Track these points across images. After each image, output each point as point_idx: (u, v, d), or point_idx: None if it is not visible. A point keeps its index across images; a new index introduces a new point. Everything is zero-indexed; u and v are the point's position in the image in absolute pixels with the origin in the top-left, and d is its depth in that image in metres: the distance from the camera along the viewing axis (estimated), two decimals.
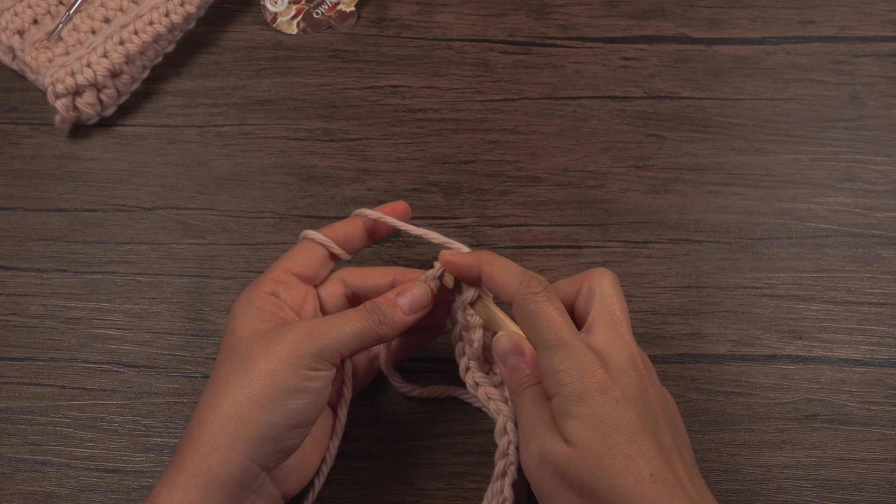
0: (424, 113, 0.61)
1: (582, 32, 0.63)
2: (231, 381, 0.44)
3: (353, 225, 0.51)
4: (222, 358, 0.46)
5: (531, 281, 0.44)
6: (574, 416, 0.42)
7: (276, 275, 0.49)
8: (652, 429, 0.42)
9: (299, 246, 0.51)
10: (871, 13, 0.63)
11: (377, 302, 0.47)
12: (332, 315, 0.47)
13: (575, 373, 0.42)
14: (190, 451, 0.43)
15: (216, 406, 0.44)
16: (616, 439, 0.41)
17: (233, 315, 0.47)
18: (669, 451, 0.42)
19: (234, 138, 0.60)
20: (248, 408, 0.43)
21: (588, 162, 0.60)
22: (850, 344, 0.55)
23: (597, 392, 0.42)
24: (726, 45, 0.62)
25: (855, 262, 0.57)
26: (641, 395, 0.43)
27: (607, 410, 0.41)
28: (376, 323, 0.46)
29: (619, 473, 0.41)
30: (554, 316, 0.43)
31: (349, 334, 0.45)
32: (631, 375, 0.43)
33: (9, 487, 0.53)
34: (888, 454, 0.53)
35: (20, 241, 0.58)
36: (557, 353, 0.42)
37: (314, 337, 0.44)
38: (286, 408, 0.43)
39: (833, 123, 0.60)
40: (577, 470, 0.41)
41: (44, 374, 0.55)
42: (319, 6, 0.64)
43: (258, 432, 0.43)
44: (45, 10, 0.61)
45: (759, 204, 0.58)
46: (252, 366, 0.44)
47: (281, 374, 0.44)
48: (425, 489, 0.53)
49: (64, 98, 0.58)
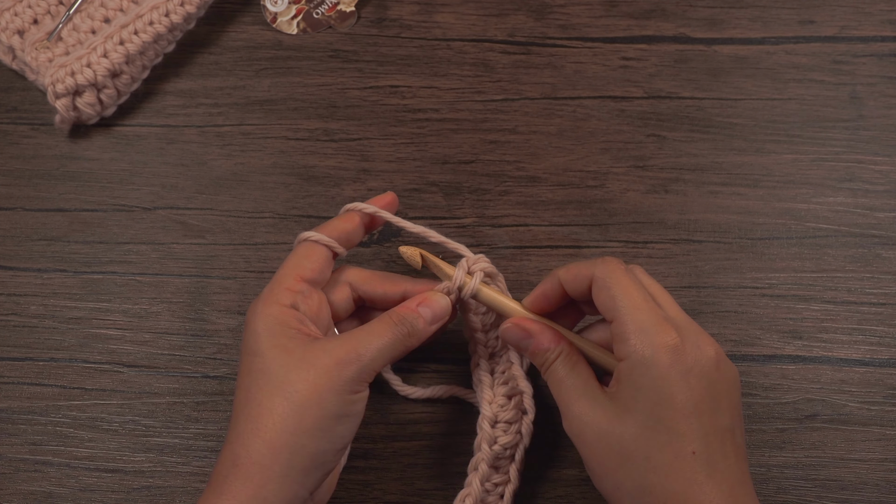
0: (424, 113, 0.61)
1: (582, 32, 0.63)
2: (275, 410, 0.43)
3: (349, 221, 0.51)
4: (253, 380, 0.44)
5: (607, 258, 0.46)
6: (634, 383, 0.42)
7: (290, 284, 0.47)
8: (710, 407, 0.42)
9: (303, 249, 0.49)
10: (871, 13, 0.63)
11: (401, 313, 0.47)
12: (362, 330, 0.46)
13: (648, 339, 0.42)
14: (241, 480, 0.42)
15: (262, 435, 0.43)
16: (666, 413, 0.41)
17: (253, 332, 0.46)
18: (723, 432, 0.42)
19: (234, 138, 0.60)
20: (299, 438, 0.43)
21: (588, 162, 0.60)
22: (850, 344, 0.55)
23: (667, 358, 0.42)
24: (726, 45, 0.62)
25: (855, 262, 0.57)
26: (710, 371, 0.43)
27: (670, 382, 0.42)
28: (405, 335, 0.46)
29: (657, 446, 0.41)
30: (631, 286, 0.44)
31: (383, 350, 0.45)
32: (703, 349, 0.43)
33: (9, 487, 0.53)
34: (888, 454, 0.53)
35: (20, 241, 0.58)
36: (632, 318, 0.43)
37: (353, 360, 0.44)
38: (334, 434, 0.44)
39: (833, 123, 0.60)
40: (618, 437, 0.42)
41: (44, 374, 0.55)
42: (319, 6, 0.64)
43: (311, 461, 0.43)
44: (45, 10, 0.61)
45: (759, 204, 0.58)
46: (296, 394, 0.43)
47: (328, 402, 0.43)
48: (425, 489, 0.53)
49: (64, 98, 0.58)
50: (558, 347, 0.46)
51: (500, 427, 0.50)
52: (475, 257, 0.49)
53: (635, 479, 0.42)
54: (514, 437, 0.50)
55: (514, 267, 0.57)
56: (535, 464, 0.53)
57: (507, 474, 0.50)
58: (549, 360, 0.46)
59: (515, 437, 0.50)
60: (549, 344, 0.46)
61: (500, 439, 0.49)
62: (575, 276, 0.46)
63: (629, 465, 0.42)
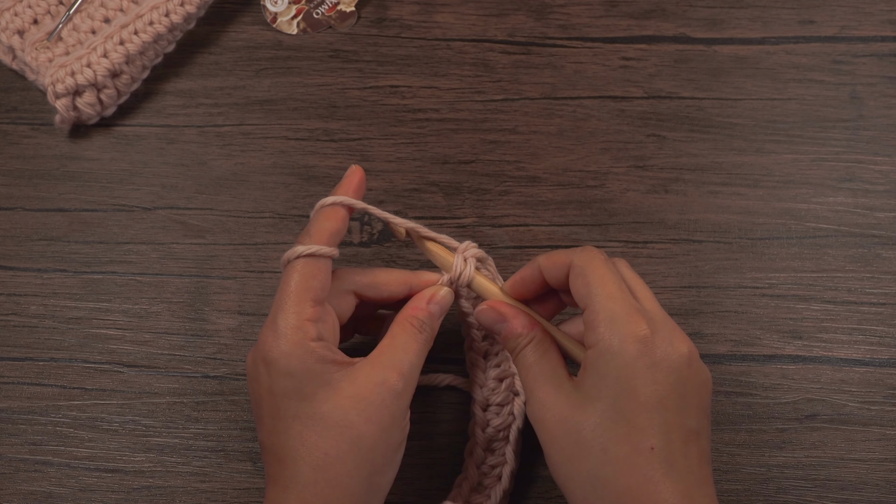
0: (424, 113, 0.61)
1: (582, 32, 0.63)
2: (345, 457, 0.42)
3: (335, 220, 0.47)
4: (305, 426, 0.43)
5: (587, 248, 0.45)
6: (599, 372, 0.41)
7: (309, 313, 0.44)
8: (676, 404, 0.41)
9: (305, 267, 0.45)
10: (871, 13, 0.63)
11: (420, 318, 0.46)
12: (392, 348, 0.45)
13: (617, 328, 0.42)
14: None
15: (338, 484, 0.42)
16: (628, 405, 0.41)
17: (288, 374, 0.43)
18: (688, 432, 0.41)
19: (234, 138, 0.60)
20: (374, 478, 0.43)
21: (588, 162, 0.60)
22: (850, 344, 0.55)
23: (634, 349, 0.41)
24: (726, 45, 0.62)
25: (855, 262, 0.57)
26: (680, 368, 0.42)
27: (634, 374, 0.41)
28: (429, 340, 0.46)
29: (615, 438, 0.40)
30: (607, 275, 0.43)
31: (416, 364, 0.45)
32: (676, 345, 0.42)
33: (9, 487, 0.53)
34: (888, 454, 0.53)
35: (20, 241, 0.58)
36: (604, 307, 0.42)
37: (404, 387, 0.44)
38: (396, 461, 0.45)
39: (833, 123, 0.60)
40: (576, 425, 0.42)
41: (44, 374, 0.55)
42: (319, 6, 0.64)
43: (384, 493, 0.44)
44: (45, 10, 0.61)
45: (759, 204, 0.58)
46: (364, 439, 0.42)
47: (392, 437, 0.44)
48: (425, 489, 0.53)
49: (64, 98, 0.58)
50: (531, 333, 0.46)
51: (493, 410, 0.50)
52: (464, 245, 0.49)
53: (590, 470, 0.41)
54: (507, 419, 0.50)
55: (514, 267, 0.57)
56: (535, 463, 0.53)
57: (502, 456, 0.50)
58: (521, 346, 0.46)
59: (508, 418, 0.50)
60: (521, 329, 0.46)
61: (493, 422, 0.50)
62: (554, 263, 0.46)
63: (585, 455, 0.41)
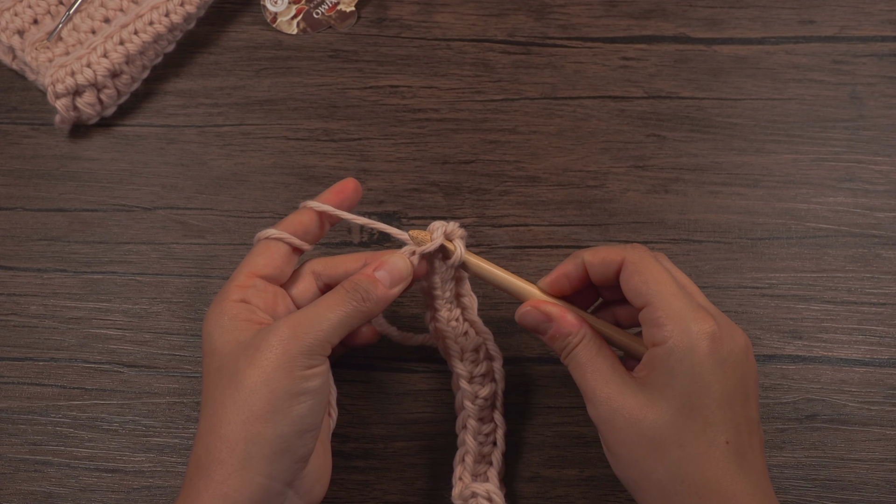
0: (424, 113, 0.61)
1: (582, 32, 0.63)
2: (227, 402, 0.42)
3: (307, 215, 0.49)
4: (210, 380, 0.44)
5: (635, 245, 0.45)
6: (670, 369, 0.41)
7: (240, 281, 0.46)
8: (742, 397, 0.42)
9: (258, 247, 0.48)
10: (871, 13, 0.63)
11: (355, 280, 0.45)
12: (311, 305, 0.44)
13: (686, 325, 0.42)
14: (203, 480, 0.41)
15: (219, 431, 0.41)
16: (702, 401, 0.41)
17: (207, 333, 0.45)
18: (751, 423, 0.42)
19: (234, 138, 0.60)
20: (253, 425, 0.41)
21: (588, 162, 0.60)
22: (850, 344, 0.55)
23: (705, 345, 0.41)
24: (726, 45, 0.62)
25: (855, 262, 0.57)
26: (742, 361, 0.42)
27: (707, 370, 0.41)
28: (359, 301, 0.44)
29: (692, 434, 0.41)
30: (663, 273, 0.43)
31: (334, 321, 0.43)
32: (736, 339, 0.43)
33: (9, 487, 0.53)
34: (888, 454, 0.53)
35: (20, 241, 0.58)
36: (668, 304, 0.42)
37: (300, 334, 0.42)
38: (292, 415, 0.42)
39: (833, 123, 0.60)
40: (650, 423, 0.41)
41: (44, 374, 0.55)
42: (319, 6, 0.64)
43: (270, 448, 0.41)
44: (45, 10, 0.61)
45: (759, 204, 0.58)
46: (244, 380, 0.42)
47: (277, 382, 0.41)
48: (425, 489, 0.53)
49: (64, 98, 0.58)
50: (581, 331, 0.45)
51: (477, 381, 0.51)
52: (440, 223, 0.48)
53: (668, 468, 0.41)
54: (492, 387, 0.51)
55: (514, 267, 0.57)
56: (535, 464, 0.53)
57: (492, 422, 0.51)
58: (572, 345, 0.45)
59: (492, 385, 0.51)
60: (571, 328, 0.45)
61: (481, 392, 0.50)
62: (602, 259, 0.45)
63: (662, 453, 0.41)
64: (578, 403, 0.54)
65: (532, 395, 0.54)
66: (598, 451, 0.53)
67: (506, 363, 0.54)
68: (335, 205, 0.49)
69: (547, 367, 0.55)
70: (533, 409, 0.54)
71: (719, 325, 0.42)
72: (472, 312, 0.51)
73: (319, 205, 0.49)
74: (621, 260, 0.45)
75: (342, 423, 0.53)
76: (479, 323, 0.51)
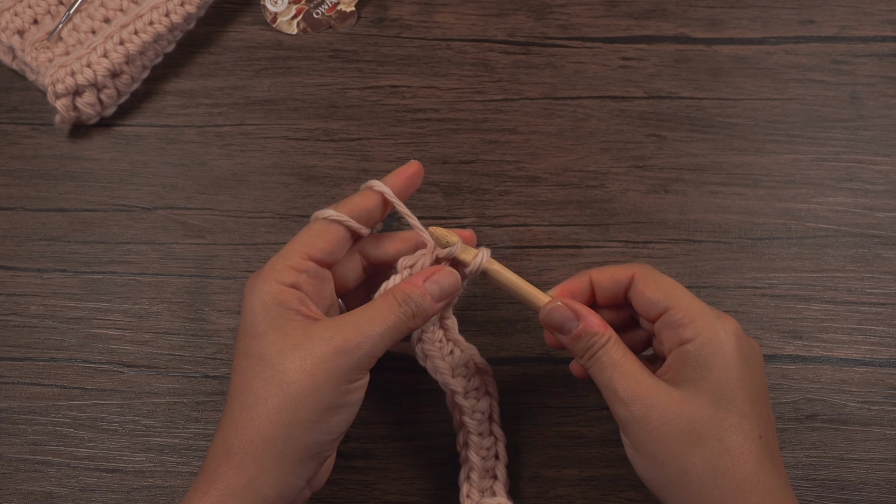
0: (424, 113, 0.61)
1: (582, 32, 0.63)
2: (270, 401, 0.41)
3: (369, 197, 0.47)
4: (249, 364, 0.43)
5: (639, 262, 0.47)
6: (703, 364, 0.42)
7: (295, 262, 0.45)
8: (763, 395, 0.43)
9: (317, 227, 0.46)
10: (871, 13, 0.63)
11: (408, 292, 0.44)
12: (364, 313, 0.43)
13: (714, 322, 0.43)
14: (234, 470, 0.41)
15: (255, 424, 0.41)
16: (737, 394, 0.42)
17: (250, 310, 0.44)
18: (771, 420, 0.43)
19: (234, 138, 0.60)
20: (294, 430, 0.41)
21: (588, 162, 0.60)
22: (850, 344, 0.55)
23: (735, 341, 0.42)
24: (726, 45, 0.62)
25: (855, 262, 0.57)
26: (760, 360, 0.44)
27: (737, 365, 0.42)
28: (409, 316, 0.43)
29: (730, 427, 0.41)
30: (676, 282, 0.45)
31: (385, 336, 0.43)
32: (751, 340, 0.44)
33: (9, 487, 0.53)
34: (888, 454, 0.53)
35: (20, 241, 0.58)
36: (692, 305, 0.43)
37: (352, 349, 0.42)
38: (330, 424, 0.42)
39: (833, 123, 0.60)
40: (688, 418, 0.41)
41: (44, 374, 0.55)
42: (319, 6, 0.64)
43: (305, 452, 0.42)
44: (45, 10, 0.61)
45: (759, 204, 0.58)
46: (291, 385, 0.41)
47: (324, 394, 0.41)
48: (425, 489, 0.53)
49: (64, 98, 0.58)
50: (608, 332, 0.44)
51: (472, 395, 0.50)
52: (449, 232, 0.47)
53: (707, 462, 0.41)
54: (487, 400, 0.50)
55: (514, 267, 0.57)
56: (535, 464, 0.53)
57: (492, 435, 0.50)
58: (599, 344, 0.44)
59: (487, 398, 0.50)
60: (599, 327, 0.44)
61: (477, 406, 0.50)
62: (610, 277, 0.46)
63: (701, 448, 0.41)
64: (578, 403, 0.54)
65: (532, 395, 0.54)
66: (598, 451, 0.53)
67: (506, 363, 0.54)
68: (399, 189, 0.48)
69: (547, 367, 0.55)
70: (533, 409, 0.54)
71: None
72: (454, 332, 0.50)
73: (385, 188, 0.47)
74: (630, 275, 0.45)
75: None
76: (461, 341, 0.50)
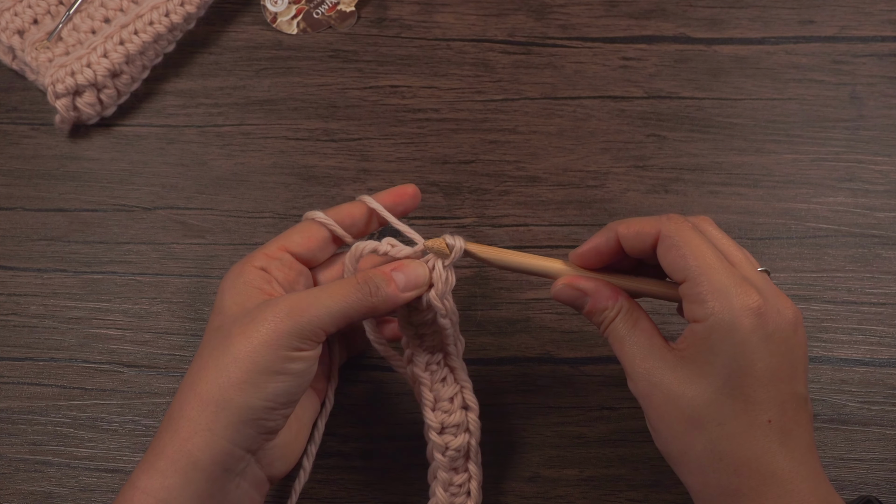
0: (424, 113, 0.61)
1: (582, 32, 0.63)
2: (211, 363, 0.42)
3: (359, 208, 0.49)
4: (207, 337, 0.44)
5: (672, 215, 0.43)
6: (711, 347, 0.40)
7: (270, 250, 0.46)
8: (788, 374, 0.41)
9: (300, 225, 0.48)
10: (871, 13, 0.63)
11: (369, 273, 0.44)
12: (318, 288, 0.44)
13: (728, 301, 0.40)
14: (170, 434, 0.42)
15: (196, 388, 0.42)
16: (744, 380, 0.40)
17: (220, 291, 0.45)
18: (798, 399, 0.41)
19: (234, 138, 0.60)
20: (227, 391, 0.41)
21: (588, 162, 0.60)
22: (850, 344, 0.55)
23: (749, 322, 0.40)
24: (726, 45, 0.62)
25: (855, 262, 0.57)
26: (790, 336, 0.41)
27: (751, 348, 0.40)
28: (366, 294, 0.43)
29: (732, 413, 0.40)
30: (702, 245, 0.42)
31: (334, 309, 0.42)
32: (783, 312, 0.41)
33: (9, 487, 0.53)
34: (888, 454, 0.53)
35: (20, 241, 0.58)
36: (708, 279, 0.41)
37: (295, 314, 0.42)
38: (265, 390, 0.42)
39: (833, 123, 0.60)
40: (689, 401, 0.41)
41: (44, 374, 0.55)
42: (319, 6, 0.64)
43: (237, 416, 0.41)
44: (45, 10, 0.61)
45: (759, 204, 0.58)
46: (231, 347, 0.42)
47: (260, 356, 0.41)
48: (425, 489, 0.53)
49: (64, 98, 0.58)
50: (617, 304, 0.44)
51: (450, 432, 0.48)
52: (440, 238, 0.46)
53: (706, 445, 0.41)
54: (464, 438, 0.48)
55: None
56: (535, 464, 0.53)
57: (466, 472, 0.49)
58: (609, 319, 0.44)
59: (465, 436, 0.48)
60: (606, 302, 0.44)
61: (452, 444, 0.48)
62: (637, 232, 0.44)
63: (700, 431, 0.41)
64: (578, 403, 0.54)
65: (532, 395, 0.54)
66: (598, 451, 0.53)
67: (506, 363, 0.54)
68: (389, 206, 0.49)
69: (547, 367, 0.55)
70: (533, 409, 0.54)
71: (765, 299, 0.41)
72: (455, 359, 0.48)
73: (373, 202, 0.49)
74: (657, 233, 0.43)
75: (342, 423, 0.53)
76: (459, 370, 0.49)
